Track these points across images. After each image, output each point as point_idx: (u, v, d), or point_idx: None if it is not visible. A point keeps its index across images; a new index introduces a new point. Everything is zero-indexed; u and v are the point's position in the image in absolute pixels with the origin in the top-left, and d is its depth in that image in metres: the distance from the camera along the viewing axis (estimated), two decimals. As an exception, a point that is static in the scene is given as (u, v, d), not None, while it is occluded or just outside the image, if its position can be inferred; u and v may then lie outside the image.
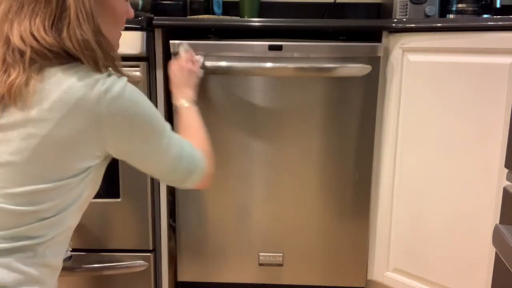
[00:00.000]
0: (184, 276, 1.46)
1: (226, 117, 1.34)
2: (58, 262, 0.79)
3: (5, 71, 0.70)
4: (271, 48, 1.30)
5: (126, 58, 1.29)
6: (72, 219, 0.79)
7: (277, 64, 1.29)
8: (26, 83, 0.69)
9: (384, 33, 1.31)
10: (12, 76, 0.68)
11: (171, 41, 1.30)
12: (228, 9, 1.83)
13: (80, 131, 0.71)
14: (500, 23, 1.12)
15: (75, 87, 0.70)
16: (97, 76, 0.72)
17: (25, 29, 0.70)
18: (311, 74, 1.30)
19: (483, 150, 1.17)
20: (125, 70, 0.81)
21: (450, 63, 1.19)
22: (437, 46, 1.21)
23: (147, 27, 1.29)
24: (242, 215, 1.41)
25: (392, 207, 1.37)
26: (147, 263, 1.39)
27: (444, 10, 1.54)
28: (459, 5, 1.51)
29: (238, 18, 1.65)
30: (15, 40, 0.70)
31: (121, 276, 1.40)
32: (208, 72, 1.30)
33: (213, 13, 1.77)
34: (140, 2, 1.52)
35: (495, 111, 1.14)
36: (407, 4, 1.52)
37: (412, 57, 1.26)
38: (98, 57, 0.73)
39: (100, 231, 1.36)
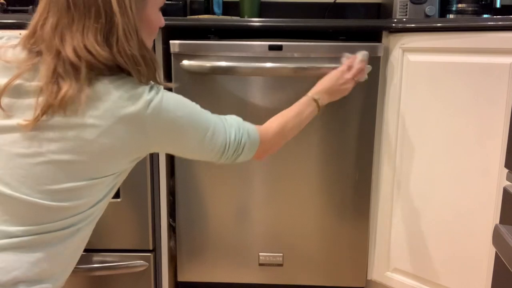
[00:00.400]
0: (184, 276, 1.46)
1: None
2: (75, 261, 0.82)
3: (55, 82, 0.72)
4: (271, 48, 1.30)
5: (126, 58, 1.29)
6: (100, 212, 0.83)
7: (277, 64, 1.29)
8: (79, 93, 0.72)
9: (384, 33, 1.31)
10: (64, 89, 0.71)
11: (171, 41, 1.30)
12: (228, 9, 1.83)
13: (126, 139, 0.76)
14: (500, 23, 1.12)
15: (123, 98, 0.74)
16: (142, 88, 0.77)
17: (78, 43, 0.73)
18: (311, 74, 1.30)
19: (483, 150, 1.17)
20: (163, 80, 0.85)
21: (450, 63, 1.19)
22: (437, 46, 1.21)
23: (147, 27, 1.29)
24: (242, 215, 1.41)
25: (392, 207, 1.37)
26: (147, 263, 1.39)
27: (444, 10, 1.54)
28: (459, 5, 1.51)
29: (238, 18, 1.65)
30: (68, 53, 0.73)
31: (121, 276, 1.40)
32: (208, 72, 1.30)
33: (213, 13, 1.77)
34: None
35: (495, 111, 1.14)
36: (407, 4, 1.52)
37: (412, 57, 1.26)
38: (142, 70, 0.78)
39: (100, 231, 1.36)
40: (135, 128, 0.76)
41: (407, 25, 1.26)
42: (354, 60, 1.17)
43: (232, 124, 0.90)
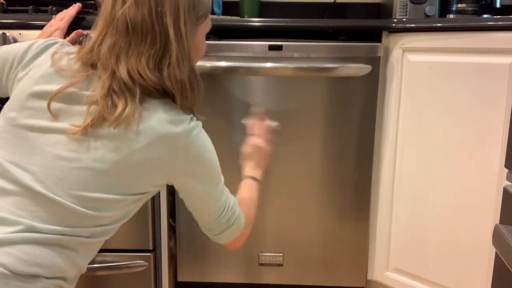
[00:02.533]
0: (184, 276, 1.46)
1: (226, 117, 1.34)
2: (84, 268, 0.84)
3: (110, 98, 0.77)
4: (271, 48, 1.30)
5: (126, 58, 1.29)
6: (113, 232, 0.85)
7: (277, 64, 1.29)
8: (133, 113, 0.77)
9: (384, 33, 1.31)
10: (120, 107, 0.76)
11: (171, 41, 1.30)
12: (228, 9, 1.83)
13: (159, 158, 0.79)
14: (500, 23, 1.12)
15: (166, 121, 0.79)
16: (185, 116, 0.82)
17: (132, 67, 0.78)
18: (311, 74, 1.30)
19: (483, 150, 1.17)
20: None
21: (450, 63, 1.19)
22: (437, 46, 1.21)
23: (147, 27, 1.29)
24: (242, 215, 1.41)
25: (392, 207, 1.37)
26: (147, 263, 1.39)
27: (444, 10, 1.54)
28: (459, 5, 1.51)
29: (238, 18, 1.65)
30: (122, 74, 0.77)
31: (121, 276, 1.40)
32: (208, 72, 1.30)
33: (213, 13, 1.77)
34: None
35: (495, 111, 1.14)
36: (407, 4, 1.52)
37: (412, 57, 1.26)
38: (188, 95, 0.82)
39: (100, 231, 1.36)
40: (169, 150, 0.79)
41: (407, 25, 1.26)
42: (261, 125, 1.18)
43: (231, 196, 0.95)
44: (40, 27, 1.23)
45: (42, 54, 0.84)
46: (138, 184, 0.81)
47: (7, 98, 0.88)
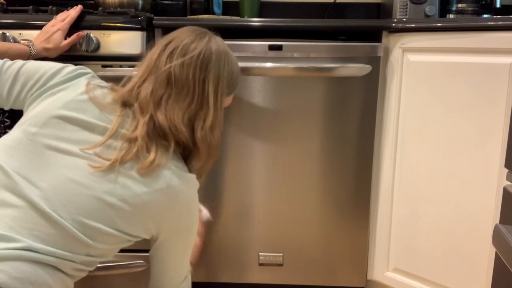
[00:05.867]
0: (184, 276, 1.46)
1: (226, 117, 1.34)
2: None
3: (146, 142, 0.82)
4: (271, 48, 1.30)
5: (126, 58, 1.29)
6: (91, 268, 0.86)
7: (277, 64, 1.29)
8: (160, 163, 0.82)
9: (384, 33, 1.31)
10: (152, 155, 0.81)
11: (171, 41, 1.30)
12: (228, 9, 1.83)
13: (159, 203, 0.83)
14: (500, 23, 1.12)
15: (176, 174, 0.84)
16: (193, 176, 0.88)
17: (170, 117, 0.84)
18: (311, 74, 1.30)
19: (483, 150, 1.17)
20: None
21: (450, 63, 1.19)
22: (437, 46, 1.21)
23: (147, 27, 1.29)
24: (242, 215, 1.41)
25: (392, 207, 1.37)
26: (147, 263, 1.39)
27: (444, 10, 1.54)
28: (459, 5, 1.51)
29: (238, 18, 1.65)
30: (161, 121, 0.83)
31: (121, 276, 1.40)
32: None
33: (213, 13, 1.77)
34: (140, 2, 1.52)
35: (495, 111, 1.14)
36: (407, 4, 1.52)
37: (412, 57, 1.26)
38: (210, 159, 0.91)
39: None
40: (171, 199, 0.84)
41: (407, 25, 1.26)
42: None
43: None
44: (40, 27, 1.23)
45: (74, 79, 0.87)
46: (134, 224, 0.83)
47: (11, 110, 0.90)
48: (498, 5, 1.49)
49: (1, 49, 1.07)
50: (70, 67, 0.90)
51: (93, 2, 1.56)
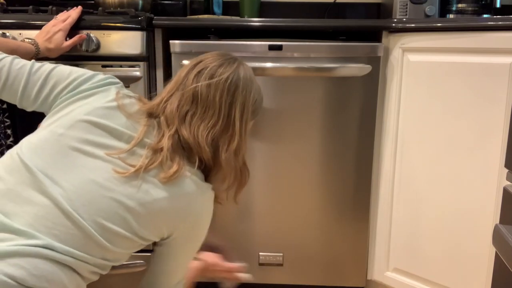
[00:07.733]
0: (184, 276, 1.46)
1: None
2: None
3: (170, 153, 0.84)
4: (271, 48, 1.30)
5: (126, 58, 1.29)
6: (105, 272, 0.87)
7: (277, 64, 1.29)
8: (182, 172, 0.85)
9: (384, 33, 1.31)
10: (174, 168, 0.83)
11: (171, 41, 1.30)
12: (228, 9, 1.83)
13: (175, 209, 0.85)
14: (500, 23, 1.12)
15: (196, 183, 0.87)
16: (210, 186, 0.91)
17: (194, 133, 0.86)
18: (311, 74, 1.30)
19: (483, 150, 1.17)
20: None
21: (450, 63, 1.19)
22: (437, 46, 1.21)
23: (147, 27, 1.29)
24: (242, 215, 1.41)
25: (392, 207, 1.37)
26: (147, 263, 1.39)
27: (444, 10, 1.54)
28: (459, 5, 1.51)
29: (238, 18, 1.65)
30: (185, 136, 0.86)
31: (121, 276, 1.40)
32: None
33: (213, 13, 1.77)
34: (140, 2, 1.52)
35: (495, 111, 1.14)
36: (407, 4, 1.52)
37: (412, 57, 1.26)
38: (241, 186, 0.95)
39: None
40: (186, 205, 0.86)
41: (407, 25, 1.26)
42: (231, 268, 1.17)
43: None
44: (40, 27, 1.23)
45: (105, 87, 0.90)
46: (149, 229, 0.84)
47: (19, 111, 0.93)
48: (498, 5, 1.49)
49: (11, 47, 1.08)
50: (101, 75, 0.92)
51: (93, 2, 1.56)
